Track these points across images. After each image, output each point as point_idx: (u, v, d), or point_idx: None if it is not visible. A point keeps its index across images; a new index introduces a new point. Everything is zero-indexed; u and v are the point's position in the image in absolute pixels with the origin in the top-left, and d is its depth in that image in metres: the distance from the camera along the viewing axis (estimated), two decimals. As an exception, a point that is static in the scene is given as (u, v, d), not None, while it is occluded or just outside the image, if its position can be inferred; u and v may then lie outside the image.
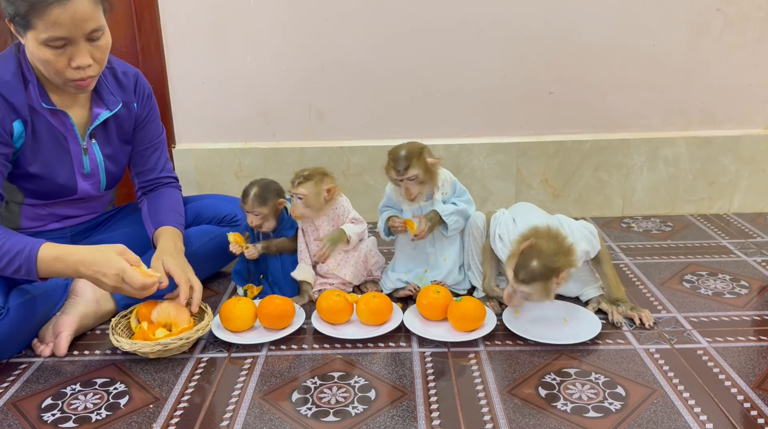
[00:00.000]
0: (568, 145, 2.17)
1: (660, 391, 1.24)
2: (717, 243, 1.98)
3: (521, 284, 1.36)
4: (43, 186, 1.46)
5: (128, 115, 1.57)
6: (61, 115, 1.45)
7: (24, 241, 1.31)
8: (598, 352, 1.38)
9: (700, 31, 2.09)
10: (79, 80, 1.35)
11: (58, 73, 1.34)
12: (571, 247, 1.39)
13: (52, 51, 1.29)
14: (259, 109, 2.18)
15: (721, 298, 1.62)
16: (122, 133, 1.58)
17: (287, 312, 1.48)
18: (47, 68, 1.33)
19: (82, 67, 1.33)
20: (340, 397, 1.24)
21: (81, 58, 1.32)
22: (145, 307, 1.45)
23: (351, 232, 1.61)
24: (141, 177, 1.67)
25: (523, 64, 2.12)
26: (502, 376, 1.30)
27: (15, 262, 1.29)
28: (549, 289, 1.37)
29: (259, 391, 1.27)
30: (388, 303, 1.51)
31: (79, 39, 1.30)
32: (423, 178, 1.52)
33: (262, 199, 1.58)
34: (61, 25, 1.26)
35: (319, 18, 2.07)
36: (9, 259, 1.29)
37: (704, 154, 2.19)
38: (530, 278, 1.35)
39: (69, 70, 1.33)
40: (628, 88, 2.15)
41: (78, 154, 1.50)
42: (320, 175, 1.58)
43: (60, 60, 1.31)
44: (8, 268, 1.30)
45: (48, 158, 1.45)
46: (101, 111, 1.50)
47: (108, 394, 1.28)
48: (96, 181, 1.55)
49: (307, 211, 1.59)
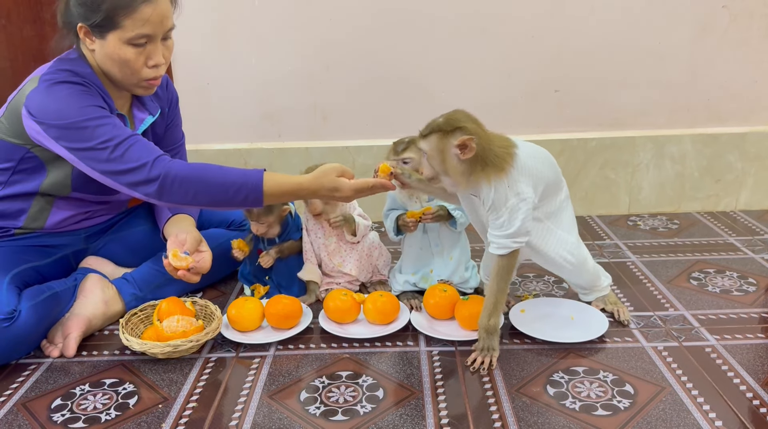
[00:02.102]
0: (573, 143, 2.16)
1: (668, 388, 1.24)
2: (724, 240, 1.98)
3: (420, 139, 1.28)
4: (92, 181, 1.40)
5: (162, 120, 1.60)
6: (121, 118, 1.47)
7: (243, 171, 1.31)
8: (606, 351, 1.38)
9: (706, 28, 2.09)
10: (152, 79, 1.40)
11: (134, 73, 1.37)
12: (505, 154, 1.27)
13: (134, 50, 1.34)
14: (265, 110, 2.18)
15: (729, 295, 1.62)
16: (155, 136, 1.60)
17: (294, 312, 1.49)
18: (124, 68, 1.36)
19: (157, 66, 1.38)
20: (348, 396, 1.25)
21: (157, 57, 1.37)
22: (167, 305, 1.46)
23: (360, 221, 1.62)
24: None
25: (528, 62, 2.12)
26: (510, 374, 1.30)
27: (243, 191, 1.29)
28: (446, 153, 1.24)
29: (267, 390, 1.28)
30: (395, 302, 1.51)
31: (158, 37, 1.35)
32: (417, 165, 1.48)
33: (267, 209, 1.59)
34: (150, 23, 1.31)
35: (324, 18, 2.07)
36: (236, 189, 1.29)
37: (710, 151, 2.18)
38: (429, 130, 1.26)
39: (145, 69, 1.37)
40: (633, 86, 2.14)
41: None
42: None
43: (139, 59, 1.35)
44: (236, 196, 1.30)
45: None
46: (145, 116, 1.53)
47: (117, 394, 1.28)
48: None
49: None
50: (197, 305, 1.54)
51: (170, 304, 1.47)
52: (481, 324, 1.34)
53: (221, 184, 1.29)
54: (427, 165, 1.30)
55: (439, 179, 1.31)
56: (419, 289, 1.63)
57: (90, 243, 1.63)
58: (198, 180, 1.29)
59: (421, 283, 1.62)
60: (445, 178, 1.30)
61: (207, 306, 1.53)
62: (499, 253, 1.31)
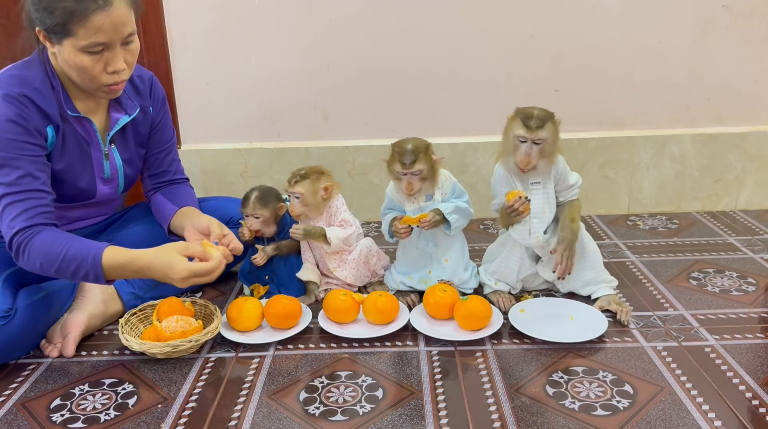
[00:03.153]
0: (573, 143, 2.16)
1: (668, 388, 1.24)
2: (724, 240, 1.98)
3: (537, 130, 1.46)
4: (64, 190, 1.46)
5: (144, 120, 1.58)
6: (85, 121, 1.45)
7: (87, 247, 1.30)
8: (606, 350, 1.38)
9: (706, 27, 2.08)
10: (113, 85, 1.37)
11: (93, 79, 1.34)
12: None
13: (89, 57, 1.30)
14: (265, 110, 2.18)
15: (729, 295, 1.61)
16: (138, 137, 1.58)
17: (294, 312, 1.49)
18: (82, 75, 1.34)
19: (117, 72, 1.35)
20: (347, 396, 1.25)
21: (117, 63, 1.33)
22: (166, 305, 1.46)
23: (332, 235, 1.59)
24: (154, 179, 1.67)
25: (528, 62, 2.11)
26: (510, 374, 1.30)
27: (82, 269, 1.29)
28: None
29: (266, 390, 1.28)
30: (395, 302, 1.51)
31: (116, 44, 1.31)
32: (427, 174, 1.51)
33: (264, 201, 1.58)
34: (103, 31, 1.27)
35: (324, 18, 2.07)
36: (76, 266, 1.29)
37: (710, 150, 2.18)
38: (541, 121, 1.47)
39: (104, 75, 1.34)
40: (633, 85, 2.14)
41: (99, 160, 1.50)
42: (317, 174, 1.58)
43: (96, 66, 1.32)
44: (77, 274, 1.30)
45: (72, 164, 1.46)
46: (120, 116, 1.51)
47: (116, 394, 1.28)
48: (115, 184, 1.56)
49: (306, 210, 1.59)
50: (196, 305, 1.54)
51: (169, 304, 1.47)
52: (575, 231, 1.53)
53: (62, 260, 1.29)
54: (536, 154, 1.47)
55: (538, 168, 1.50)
56: (416, 290, 1.63)
57: None
58: (45, 255, 1.29)
59: (419, 286, 1.62)
60: (541, 163, 1.50)
61: (206, 306, 1.53)
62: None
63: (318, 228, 1.60)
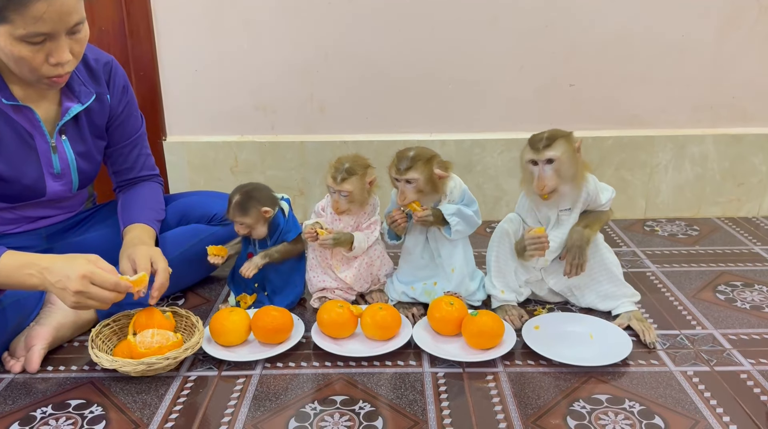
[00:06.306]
0: (588, 142, 2.03)
1: (703, 422, 1.10)
2: (749, 249, 1.84)
3: (546, 149, 1.35)
4: (8, 188, 1.33)
5: (101, 108, 1.44)
6: (26, 110, 1.31)
7: None
8: (630, 375, 1.24)
9: (732, 20, 1.96)
10: (55, 77, 1.24)
11: (32, 70, 1.21)
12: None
13: (29, 47, 1.17)
14: (257, 100, 2.06)
15: (761, 312, 1.48)
16: (95, 128, 1.44)
17: (285, 325, 1.35)
18: (20, 65, 1.20)
19: (61, 64, 1.21)
20: (342, 426, 1.10)
21: (61, 54, 1.20)
22: (143, 316, 1.32)
23: (357, 242, 1.48)
24: (119, 176, 1.55)
25: (541, 55, 1.99)
26: (525, 402, 1.16)
27: None
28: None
29: (252, 417, 1.13)
30: (396, 316, 1.38)
31: (60, 34, 1.17)
32: (423, 186, 1.39)
33: (243, 209, 1.44)
34: (45, 21, 1.13)
35: (323, 2, 1.94)
36: None
37: (733, 152, 2.06)
38: (551, 140, 1.35)
39: (46, 66, 1.21)
40: (653, 82, 2.02)
41: (46, 153, 1.36)
42: (363, 168, 1.46)
43: (37, 57, 1.19)
44: None
45: (13, 158, 1.32)
46: (72, 105, 1.37)
47: (83, 418, 1.14)
48: (67, 181, 1.41)
49: (351, 207, 1.47)
50: (177, 316, 1.40)
51: (147, 315, 1.33)
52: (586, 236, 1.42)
53: None
54: (552, 175, 1.36)
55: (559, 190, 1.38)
56: (419, 302, 1.50)
57: (53, 242, 1.49)
58: None
59: (422, 298, 1.49)
60: (564, 187, 1.38)
61: (188, 317, 1.39)
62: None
63: (347, 235, 1.47)
